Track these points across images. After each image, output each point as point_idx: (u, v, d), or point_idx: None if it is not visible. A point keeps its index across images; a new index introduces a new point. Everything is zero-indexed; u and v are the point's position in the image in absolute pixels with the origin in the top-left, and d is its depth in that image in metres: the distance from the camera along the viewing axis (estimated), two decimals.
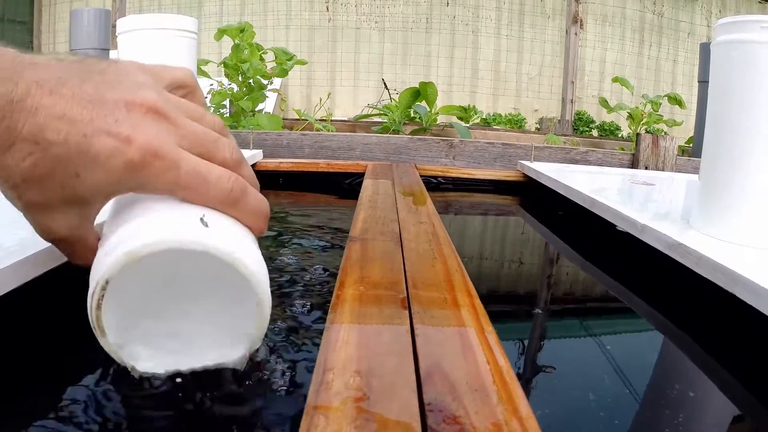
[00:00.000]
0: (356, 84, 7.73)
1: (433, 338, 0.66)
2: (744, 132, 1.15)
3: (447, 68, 7.81)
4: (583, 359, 1.01)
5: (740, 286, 0.90)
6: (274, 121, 3.59)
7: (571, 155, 2.89)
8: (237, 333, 0.60)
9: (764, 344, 0.94)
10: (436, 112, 4.63)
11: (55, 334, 0.91)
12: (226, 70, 3.72)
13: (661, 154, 2.85)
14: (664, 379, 0.94)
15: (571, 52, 7.16)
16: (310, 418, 0.48)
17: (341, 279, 0.87)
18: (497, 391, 0.54)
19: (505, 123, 7.16)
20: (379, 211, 1.45)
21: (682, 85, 7.94)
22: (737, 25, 1.17)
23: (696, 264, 1.05)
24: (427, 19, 7.74)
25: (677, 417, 0.76)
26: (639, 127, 4.70)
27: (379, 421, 0.47)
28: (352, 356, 0.60)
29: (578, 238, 1.85)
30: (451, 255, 1.05)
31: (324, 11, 7.70)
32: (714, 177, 1.22)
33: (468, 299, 0.80)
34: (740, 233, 1.16)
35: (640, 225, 1.31)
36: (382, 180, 2.05)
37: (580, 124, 7.11)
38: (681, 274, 1.11)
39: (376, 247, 1.08)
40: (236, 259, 0.53)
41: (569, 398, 0.83)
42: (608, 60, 7.92)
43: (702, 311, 1.16)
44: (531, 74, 7.83)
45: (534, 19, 7.83)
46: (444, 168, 2.70)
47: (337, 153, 2.91)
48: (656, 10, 7.96)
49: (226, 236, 0.54)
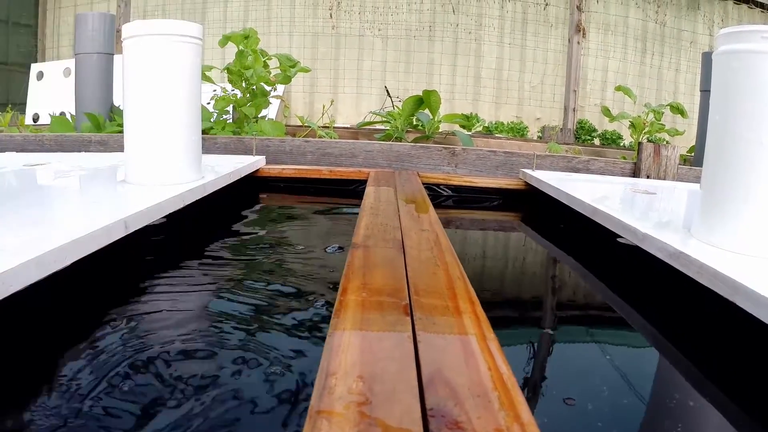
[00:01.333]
0: (359, 91, 7.74)
1: (435, 345, 0.67)
2: (745, 142, 1.15)
3: (449, 76, 7.83)
4: (583, 367, 1.02)
5: (741, 295, 0.90)
6: (277, 127, 3.60)
7: (573, 164, 2.90)
8: None
9: (765, 352, 0.94)
10: (439, 120, 4.64)
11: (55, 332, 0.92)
12: (229, 76, 3.73)
13: (662, 163, 2.85)
14: (663, 389, 0.95)
15: (573, 61, 7.16)
16: (313, 423, 0.48)
17: (344, 285, 0.88)
18: (499, 397, 0.54)
19: (507, 131, 7.16)
20: (382, 218, 1.45)
21: (684, 94, 7.95)
22: (739, 35, 1.18)
23: (697, 273, 1.06)
24: (431, 27, 7.76)
25: (676, 426, 0.76)
26: (641, 136, 4.70)
27: (382, 425, 0.48)
28: (354, 361, 0.60)
29: (580, 247, 1.85)
30: (453, 262, 1.06)
31: (327, 18, 7.72)
32: (715, 186, 1.22)
33: (470, 306, 0.81)
34: (741, 243, 1.16)
35: (642, 234, 1.32)
36: (385, 187, 2.05)
37: (582, 132, 7.11)
38: (682, 282, 1.11)
39: (378, 254, 1.08)
40: None
41: (569, 406, 0.83)
42: (610, 69, 7.93)
43: (702, 319, 1.16)
44: (533, 83, 7.84)
45: (537, 28, 7.84)
46: (446, 176, 2.71)
47: (340, 160, 2.92)
48: (658, 19, 7.98)
49: None
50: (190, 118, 1.85)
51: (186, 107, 1.83)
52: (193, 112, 1.87)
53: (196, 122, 1.88)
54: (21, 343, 0.93)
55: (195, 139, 1.88)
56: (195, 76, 1.86)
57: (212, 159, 2.54)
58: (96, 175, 1.98)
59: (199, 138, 1.92)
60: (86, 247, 1.05)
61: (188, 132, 1.84)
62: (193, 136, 1.87)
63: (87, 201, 1.56)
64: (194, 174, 1.88)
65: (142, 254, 1.48)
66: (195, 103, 1.88)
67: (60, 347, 0.91)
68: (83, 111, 3.66)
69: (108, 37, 3.88)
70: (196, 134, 1.89)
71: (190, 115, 1.85)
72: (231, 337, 1.06)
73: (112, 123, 3.67)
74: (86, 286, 1.19)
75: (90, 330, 1.01)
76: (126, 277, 1.36)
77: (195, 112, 1.88)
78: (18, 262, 0.82)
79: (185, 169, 1.84)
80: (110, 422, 0.71)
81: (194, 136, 1.88)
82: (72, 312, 1.11)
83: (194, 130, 1.88)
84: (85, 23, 3.79)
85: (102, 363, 0.88)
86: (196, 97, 1.89)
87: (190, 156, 1.87)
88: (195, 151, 1.90)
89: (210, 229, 1.92)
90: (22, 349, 0.89)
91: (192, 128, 1.86)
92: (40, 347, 0.90)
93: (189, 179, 1.83)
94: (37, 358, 0.86)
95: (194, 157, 1.89)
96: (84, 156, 2.57)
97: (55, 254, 0.93)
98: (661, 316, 1.25)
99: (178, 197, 1.58)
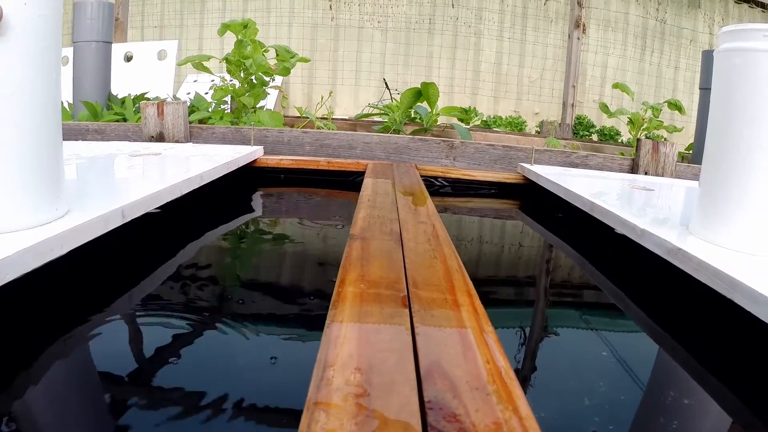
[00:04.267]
0: (358, 83, 7.72)
1: (433, 337, 0.66)
2: (745, 140, 1.15)
3: (448, 69, 7.81)
4: (581, 361, 1.02)
5: (739, 293, 0.90)
6: (276, 118, 3.59)
7: (571, 159, 2.90)
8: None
9: (763, 350, 0.94)
10: (437, 113, 4.63)
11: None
12: (228, 66, 3.71)
13: (661, 159, 2.85)
14: (660, 383, 0.95)
15: (572, 57, 7.15)
16: (310, 414, 0.48)
17: (341, 277, 0.87)
18: (497, 390, 0.54)
19: (505, 125, 7.16)
20: (379, 210, 1.45)
21: (683, 92, 7.95)
22: (741, 33, 1.17)
23: (695, 270, 1.05)
24: (430, 20, 7.74)
25: (672, 421, 0.76)
26: (639, 132, 4.70)
27: (380, 417, 0.48)
28: (352, 353, 0.60)
29: (577, 241, 1.85)
30: (451, 255, 1.06)
31: (327, 9, 7.69)
32: (714, 184, 1.22)
33: (468, 299, 0.81)
34: (740, 240, 1.16)
35: (640, 229, 1.32)
36: (383, 179, 2.05)
37: (580, 128, 7.10)
38: (679, 279, 1.11)
39: (376, 246, 1.08)
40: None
41: (567, 399, 0.83)
42: (610, 65, 7.92)
43: (699, 316, 1.17)
44: (532, 77, 7.83)
45: (537, 23, 7.83)
46: (444, 168, 2.70)
47: (338, 151, 2.91)
48: (659, 16, 7.97)
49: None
50: (32, 121, 1.04)
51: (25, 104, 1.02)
52: (42, 110, 1.06)
53: (47, 126, 1.08)
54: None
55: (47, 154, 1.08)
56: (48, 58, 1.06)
57: (210, 148, 2.53)
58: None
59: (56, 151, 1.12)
60: (84, 236, 1.04)
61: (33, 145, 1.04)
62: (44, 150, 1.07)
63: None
64: (44, 210, 1.04)
65: (138, 243, 1.48)
66: (42, 96, 1.06)
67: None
68: (81, 99, 3.65)
69: (106, 25, 3.86)
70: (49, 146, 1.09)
71: (37, 116, 1.05)
72: (225, 327, 1.05)
73: (109, 111, 3.66)
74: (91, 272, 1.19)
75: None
76: (123, 265, 1.35)
77: (44, 111, 1.07)
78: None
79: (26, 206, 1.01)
80: (108, 411, 0.70)
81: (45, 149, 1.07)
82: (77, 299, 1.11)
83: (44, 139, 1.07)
84: (84, 11, 3.77)
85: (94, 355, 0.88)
86: (45, 87, 1.06)
87: (37, 182, 1.05)
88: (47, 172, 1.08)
89: (206, 218, 1.91)
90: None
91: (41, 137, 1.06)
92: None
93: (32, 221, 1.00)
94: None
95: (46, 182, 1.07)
96: (81, 145, 2.56)
97: (51, 243, 0.92)
98: (659, 310, 1.25)
99: (174, 187, 1.56)
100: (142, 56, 5.04)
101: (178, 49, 5.08)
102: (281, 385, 0.72)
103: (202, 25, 7.50)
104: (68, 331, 0.95)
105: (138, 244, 1.47)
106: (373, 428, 0.46)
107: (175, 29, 7.35)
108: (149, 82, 4.68)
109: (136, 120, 3.39)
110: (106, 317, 1.04)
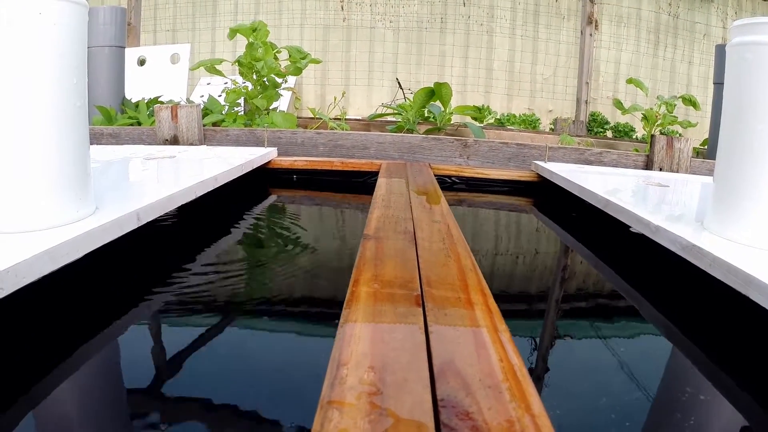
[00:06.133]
0: (370, 83, 7.72)
1: (446, 336, 0.67)
2: (759, 134, 1.14)
3: (461, 68, 7.80)
4: (595, 359, 1.01)
5: (754, 289, 0.89)
6: (289, 119, 3.60)
7: (585, 156, 2.89)
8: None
9: None
10: (451, 112, 4.62)
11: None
12: (240, 69, 3.73)
13: (675, 155, 2.83)
14: (674, 381, 0.94)
15: (585, 53, 7.11)
16: (324, 413, 0.48)
17: (355, 276, 0.88)
18: (510, 388, 0.54)
19: (519, 123, 7.14)
20: (393, 209, 1.45)
21: (697, 86, 7.88)
22: (753, 27, 1.16)
23: (710, 266, 1.05)
24: (442, 19, 7.73)
25: (689, 419, 0.76)
26: (653, 128, 4.66)
27: (393, 416, 0.48)
28: (366, 352, 0.60)
29: (592, 239, 1.85)
30: (465, 254, 1.06)
31: (338, 10, 7.70)
32: (728, 179, 1.22)
33: (482, 298, 0.81)
34: (755, 236, 1.15)
35: (654, 226, 1.31)
36: (396, 179, 2.05)
37: (594, 125, 7.07)
38: (694, 275, 1.11)
39: (390, 246, 1.08)
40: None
41: (581, 398, 0.83)
42: (623, 61, 7.87)
43: (714, 312, 1.16)
44: (545, 75, 7.80)
45: (549, 20, 7.79)
46: (458, 167, 2.70)
47: (352, 151, 2.92)
48: (672, 11, 7.90)
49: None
50: (63, 123, 1.09)
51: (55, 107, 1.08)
52: (71, 114, 1.11)
53: (75, 129, 1.13)
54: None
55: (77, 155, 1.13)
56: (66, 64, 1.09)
57: (224, 151, 2.55)
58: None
59: (84, 154, 1.16)
60: (99, 239, 1.05)
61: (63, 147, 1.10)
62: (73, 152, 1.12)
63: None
64: (75, 208, 1.10)
65: (155, 244, 1.49)
66: (71, 97, 1.11)
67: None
68: (95, 104, 3.68)
69: (119, 30, 3.90)
70: (78, 148, 1.13)
71: (64, 119, 1.09)
72: (239, 325, 1.06)
73: (123, 115, 3.69)
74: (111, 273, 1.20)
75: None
76: (142, 264, 1.36)
77: (73, 115, 1.12)
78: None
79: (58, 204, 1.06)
80: (125, 407, 0.71)
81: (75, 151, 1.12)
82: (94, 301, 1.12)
83: (75, 141, 1.12)
84: (96, 17, 3.81)
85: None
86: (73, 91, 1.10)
87: (70, 182, 1.11)
88: (78, 173, 1.13)
89: (221, 219, 1.92)
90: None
91: (71, 139, 1.11)
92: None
93: (63, 219, 1.06)
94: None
95: (76, 183, 1.12)
96: (96, 149, 2.58)
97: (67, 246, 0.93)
98: (674, 307, 1.24)
99: (188, 189, 1.57)
100: (155, 60, 5.08)
101: (190, 52, 5.12)
102: (295, 383, 0.72)
103: (214, 28, 7.54)
104: (82, 335, 0.96)
105: (155, 246, 1.48)
106: (386, 426, 0.46)
107: (188, 32, 7.39)
108: (163, 85, 4.72)
109: (150, 123, 3.42)
110: (120, 319, 1.05)
